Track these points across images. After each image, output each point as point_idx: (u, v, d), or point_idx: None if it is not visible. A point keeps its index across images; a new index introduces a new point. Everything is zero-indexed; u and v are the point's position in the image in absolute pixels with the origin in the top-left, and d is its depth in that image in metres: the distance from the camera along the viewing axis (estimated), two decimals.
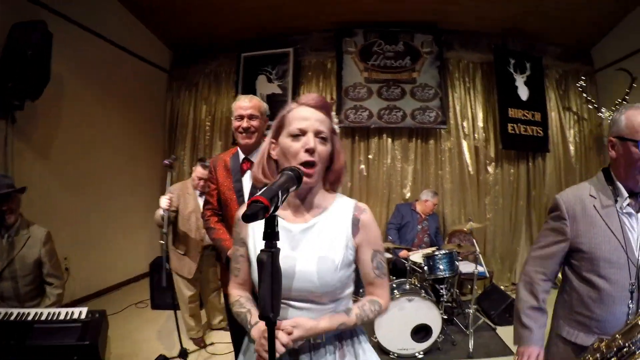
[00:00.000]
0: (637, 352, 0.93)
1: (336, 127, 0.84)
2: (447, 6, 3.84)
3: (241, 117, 1.57)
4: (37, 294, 1.90)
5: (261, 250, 0.63)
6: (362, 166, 4.02)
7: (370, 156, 4.00)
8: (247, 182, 1.59)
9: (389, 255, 3.09)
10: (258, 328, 0.79)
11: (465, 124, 4.09)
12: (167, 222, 2.12)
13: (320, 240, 0.83)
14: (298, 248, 0.82)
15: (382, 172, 4.01)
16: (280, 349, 0.71)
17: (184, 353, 2.34)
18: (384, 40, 4.15)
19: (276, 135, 0.85)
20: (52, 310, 1.69)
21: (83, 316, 1.62)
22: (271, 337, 0.66)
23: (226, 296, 1.62)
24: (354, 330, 0.88)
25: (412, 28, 4.14)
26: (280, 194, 0.63)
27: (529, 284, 1.16)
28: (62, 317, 1.63)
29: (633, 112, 1.02)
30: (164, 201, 2.12)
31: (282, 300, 0.79)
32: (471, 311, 2.64)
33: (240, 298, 0.90)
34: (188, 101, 4.25)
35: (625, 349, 0.94)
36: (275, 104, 4.22)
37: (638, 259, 1.00)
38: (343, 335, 0.86)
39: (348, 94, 4.04)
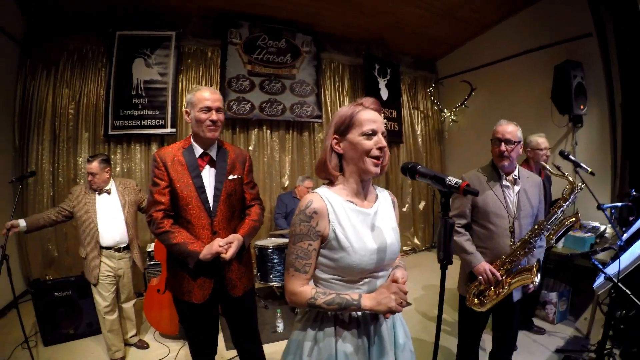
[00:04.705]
0: (515, 267, 1.61)
1: None
2: (322, 11, 4.24)
3: (208, 109, 1.50)
4: None
5: (446, 218, 0.82)
6: None
7: (250, 147, 4.24)
8: (207, 177, 1.54)
9: (285, 240, 3.33)
10: (370, 295, 0.92)
11: None
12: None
13: (386, 219, 1.02)
14: (377, 226, 0.98)
15: (262, 163, 4.30)
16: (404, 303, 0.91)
17: None
18: (268, 36, 4.34)
19: (343, 133, 0.97)
20: None
21: None
22: (443, 280, 0.87)
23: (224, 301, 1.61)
24: None
25: (294, 27, 4.44)
26: None
27: (455, 232, 1.66)
28: None
29: (501, 125, 1.70)
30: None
31: (372, 274, 0.96)
32: None
33: (317, 291, 0.92)
34: (46, 83, 3.65)
35: (507, 264, 1.63)
36: (154, 90, 4.08)
37: (514, 212, 1.67)
38: None
39: (231, 86, 4.14)
